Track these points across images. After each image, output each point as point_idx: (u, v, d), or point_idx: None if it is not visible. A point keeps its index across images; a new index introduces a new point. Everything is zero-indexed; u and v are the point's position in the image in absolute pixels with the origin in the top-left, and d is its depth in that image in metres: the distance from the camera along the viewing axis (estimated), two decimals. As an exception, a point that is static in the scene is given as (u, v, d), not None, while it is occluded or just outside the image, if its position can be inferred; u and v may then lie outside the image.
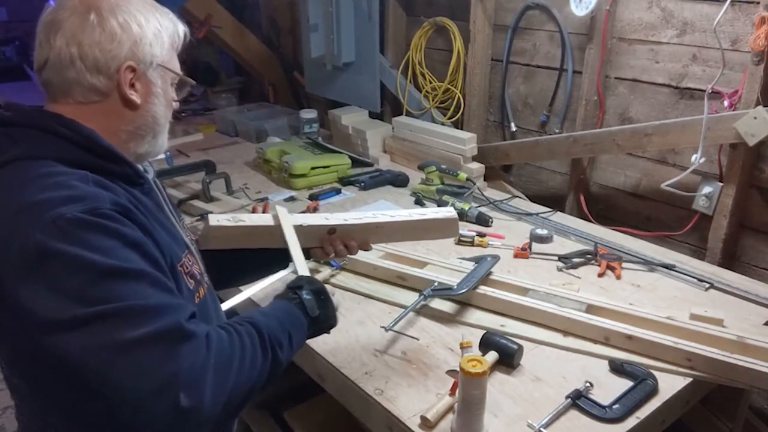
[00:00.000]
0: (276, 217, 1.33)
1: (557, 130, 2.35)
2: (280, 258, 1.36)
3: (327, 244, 1.35)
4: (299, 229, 1.32)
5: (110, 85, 0.98)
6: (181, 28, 1.07)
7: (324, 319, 1.14)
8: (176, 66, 1.07)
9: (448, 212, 1.42)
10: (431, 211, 1.44)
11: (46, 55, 0.96)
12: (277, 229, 1.32)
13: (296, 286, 1.14)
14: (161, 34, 1.02)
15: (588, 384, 1.33)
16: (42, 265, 0.81)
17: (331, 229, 1.33)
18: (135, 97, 1.00)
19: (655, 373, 1.36)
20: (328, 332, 1.18)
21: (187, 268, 1.04)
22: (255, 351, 0.93)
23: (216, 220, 1.28)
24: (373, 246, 1.41)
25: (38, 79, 0.99)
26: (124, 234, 0.87)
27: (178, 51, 1.07)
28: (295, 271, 1.25)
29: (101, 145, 0.96)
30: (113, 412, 0.78)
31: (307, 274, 1.22)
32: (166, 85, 1.06)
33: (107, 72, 0.97)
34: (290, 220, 1.32)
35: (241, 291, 1.33)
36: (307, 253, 1.38)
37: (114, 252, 0.84)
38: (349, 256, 1.74)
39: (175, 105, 1.09)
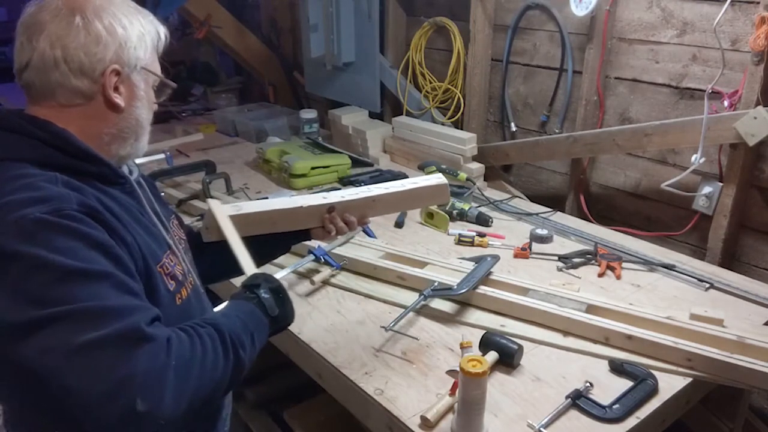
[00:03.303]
0: (213, 216, 1.28)
1: (557, 130, 2.35)
2: (281, 246, 1.38)
3: (327, 223, 1.36)
4: (301, 211, 1.33)
5: (94, 88, 0.97)
6: (162, 31, 1.06)
7: (282, 317, 1.11)
8: (158, 69, 1.06)
9: (438, 179, 1.45)
10: (422, 179, 1.46)
11: (28, 57, 0.94)
12: (288, 213, 1.33)
13: (253, 284, 1.11)
14: (145, 37, 1.01)
15: (588, 384, 1.33)
16: (2, 268, 0.80)
17: (331, 207, 1.35)
18: (119, 100, 0.99)
19: (655, 373, 1.36)
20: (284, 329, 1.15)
21: (167, 269, 1.03)
22: (217, 353, 0.91)
23: (217, 209, 1.28)
24: (371, 219, 1.44)
25: (18, 80, 0.98)
26: (87, 235, 0.86)
27: (159, 54, 1.07)
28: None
29: (74, 145, 0.95)
30: (72, 416, 0.77)
31: (255, 270, 1.18)
32: (149, 88, 1.05)
33: (92, 75, 0.96)
34: (228, 220, 1.28)
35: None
36: (309, 235, 1.39)
37: (76, 253, 0.83)
38: (348, 259, 1.78)
39: (155, 107, 1.09)
